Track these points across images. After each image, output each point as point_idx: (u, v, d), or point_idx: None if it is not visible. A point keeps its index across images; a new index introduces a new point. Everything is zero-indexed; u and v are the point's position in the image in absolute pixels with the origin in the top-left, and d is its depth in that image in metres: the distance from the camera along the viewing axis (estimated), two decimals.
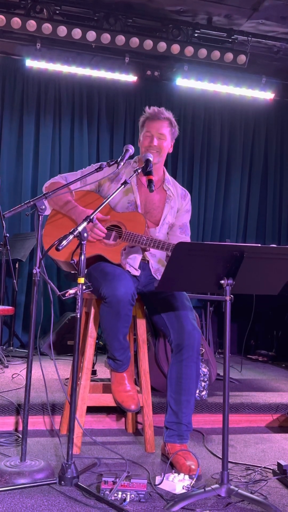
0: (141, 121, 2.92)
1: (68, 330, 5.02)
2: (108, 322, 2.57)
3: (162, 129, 2.83)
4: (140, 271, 2.80)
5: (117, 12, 5.26)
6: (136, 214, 2.77)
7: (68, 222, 2.75)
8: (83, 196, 2.84)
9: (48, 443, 2.81)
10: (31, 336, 2.34)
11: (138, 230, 2.70)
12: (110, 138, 6.18)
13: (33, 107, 5.86)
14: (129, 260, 2.79)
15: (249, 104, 6.46)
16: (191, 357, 2.58)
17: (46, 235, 2.79)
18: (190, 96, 6.26)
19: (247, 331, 4.93)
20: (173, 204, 2.92)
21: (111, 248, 2.72)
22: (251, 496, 2.13)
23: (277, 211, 6.74)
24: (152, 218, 2.88)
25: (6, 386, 3.45)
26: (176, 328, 2.62)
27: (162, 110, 2.87)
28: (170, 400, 2.60)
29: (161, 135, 2.83)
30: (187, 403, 2.58)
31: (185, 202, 2.98)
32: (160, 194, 2.92)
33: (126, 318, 2.57)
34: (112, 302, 2.50)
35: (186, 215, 3.00)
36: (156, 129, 2.83)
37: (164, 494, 2.19)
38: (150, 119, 2.85)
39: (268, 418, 3.47)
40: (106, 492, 2.11)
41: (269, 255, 2.29)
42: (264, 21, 5.24)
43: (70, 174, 2.92)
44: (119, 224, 2.75)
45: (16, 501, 2.04)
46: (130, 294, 2.52)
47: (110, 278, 2.54)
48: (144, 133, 2.86)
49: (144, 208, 2.87)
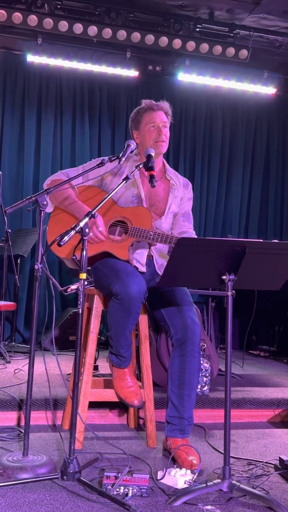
0: (136, 116, 2.87)
1: (70, 325, 5.02)
2: (117, 319, 2.57)
3: (163, 117, 2.83)
4: (146, 267, 2.79)
5: (118, 7, 5.25)
6: (141, 209, 2.75)
7: (70, 218, 2.75)
8: (84, 191, 2.83)
9: (50, 438, 2.82)
10: (33, 331, 2.34)
11: (144, 225, 2.68)
12: (111, 133, 6.17)
13: (34, 102, 5.85)
14: (136, 256, 2.77)
15: (251, 99, 6.45)
16: (191, 352, 2.58)
17: (49, 232, 2.78)
18: (192, 91, 6.25)
19: (248, 326, 4.93)
20: (177, 193, 2.91)
21: (118, 245, 2.70)
22: (253, 491, 2.13)
23: (279, 206, 6.74)
24: (157, 210, 2.86)
25: (8, 382, 3.45)
26: (176, 323, 2.61)
27: (157, 102, 2.85)
28: (171, 394, 2.60)
29: (165, 123, 2.82)
30: (188, 398, 2.58)
31: (187, 191, 2.97)
32: (164, 184, 2.91)
33: (135, 315, 2.57)
34: (124, 299, 2.49)
35: (188, 203, 2.98)
36: (160, 118, 2.81)
37: (166, 489, 2.20)
38: (150, 110, 2.82)
39: (269, 413, 3.47)
40: (108, 487, 2.11)
41: (271, 250, 2.29)
42: (266, 16, 5.22)
43: (71, 170, 2.90)
44: (125, 220, 2.73)
45: (18, 495, 2.04)
46: (142, 292, 2.52)
47: (123, 275, 2.52)
48: (147, 126, 2.81)
49: (149, 200, 2.85)
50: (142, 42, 5.31)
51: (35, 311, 2.35)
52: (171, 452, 2.50)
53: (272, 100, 6.49)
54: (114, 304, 2.56)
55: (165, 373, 3.44)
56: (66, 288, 2.25)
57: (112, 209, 2.77)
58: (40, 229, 2.34)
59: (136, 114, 2.88)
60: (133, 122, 2.90)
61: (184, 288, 2.77)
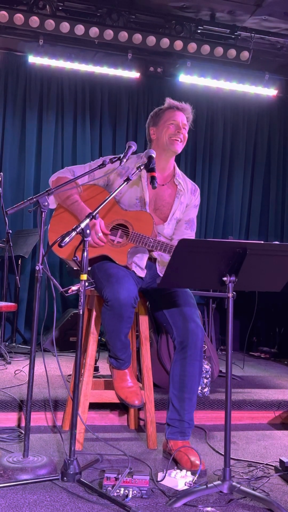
0: (157, 113, 2.86)
1: (71, 326, 5.02)
2: (110, 324, 2.56)
3: (184, 119, 2.82)
4: (146, 271, 2.77)
5: (120, 8, 5.25)
6: (143, 213, 2.72)
7: (71, 218, 2.74)
8: (87, 189, 2.81)
9: (50, 439, 2.82)
10: (33, 332, 2.34)
11: (145, 231, 2.66)
12: (112, 135, 6.17)
13: (35, 103, 5.86)
14: (136, 259, 2.75)
15: (252, 101, 6.45)
16: (194, 355, 2.58)
17: (51, 231, 2.77)
18: (193, 93, 6.24)
19: (249, 328, 4.92)
20: (183, 199, 2.87)
21: (117, 249, 2.69)
22: (253, 493, 2.13)
23: (280, 207, 6.74)
24: (161, 215, 2.83)
25: (8, 382, 3.45)
26: (180, 325, 2.61)
27: (185, 104, 2.85)
28: (172, 397, 2.60)
29: (185, 125, 2.81)
30: (189, 401, 2.58)
31: (194, 197, 2.93)
32: (171, 189, 2.87)
33: (128, 320, 2.56)
34: (114, 306, 2.49)
35: (194, 210, 2.94)
36: (181, 118, 2.80)
37: (166, 491, 2.20)
38: (172, 109, 2.81)
39: (270, 415, 3.47)
40: (108, 488, 2.11)
41: (272, 252, 2.29)
42: (268, 17, 5.23)
43: (77, 167, 2.86)
44: (126, 223, 2.71)
45: (18, 496, 2.04)
46: (132, 297, 2.50)
47: (113, 281, 2.51)
48: (168, 122, 2.78)
49: (154, 204, 2.82)
50: (143, 44, 5.31)
51: (36, 312, 2.35)
52: (172, 454, 2.50)
53: (273, 101, 6.49)
54: (105, 310, 2.56)
55: (165, 374, 3.44)
56: (66, 289, 2.25)
57: (114, 211, 2.76)
58: (41, 230, 2.34)
59: (157, 111, 2.86)
60: (152, 119, 2.87)
61: (187, 290, 2.76)
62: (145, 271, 2.76)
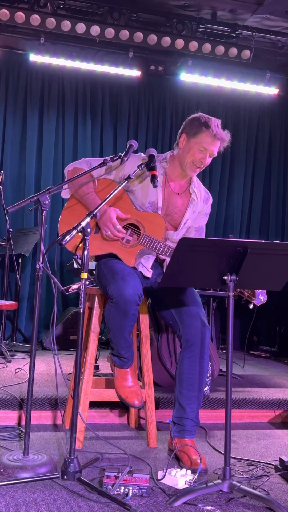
0: (196, 124, 2.70)
1: (71, 325, 5.03)
2: (114, 322, 2.56)
3: (216, 150, 2.72)
4: (152, 271, 2.76)
5: (121, 7, 5.25)
6: (157, 216, 2.71)
7: (84, 210, 2.71)
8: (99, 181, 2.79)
9: (50, 437, 2.82)
10: (34, 330, 2.34)
11: (156, 234, 2.66)
12: (113, 133, 6.17)
13: (36, 101, 5.85)
14: (143, 260, 2.75)
15: (253, 100, 6.44)
16: (201, 354, 2.59)
17: (62, 221, 2.76)
18: (194, 91, 6.24)
19: (249, 327, 4.92)
20: (195, 208, 2.85)
21: (126, 249, 2.68)
22: (253, 492, 2.13)
23: (281, 207, 6.73)
24: (172, 221, 2.82)
25: (9, 381, 3.46)
26: (186, 324, 2.61)
27: (226, 134, 2.73)
28: (178, 395, 2.61)
29: (214, 155, 2.73)
30: (196, 399, 2.59)
31: (206, 206, 2.92)
32: (184, 199, 2.83)
33: (132, 317, 2.56)
34: (119, 303, 2.49)
35: (204, 218, 2.94)
36: (214, 148, 2.69)
37: (166, 489, 2.20)
38: (212, 134, 2.66)
39: (270, 414, 3.47)
40: (108, 486, 2.11)
41: (273, 251, 2.29)
42: (269, 16, 5.22)
43: (94, 160, 2.80)
44: (138, 224, 2.70)
45: (19, 495, 2.05)
46: (137, 295, 2.50)
47: (119, 277, 2.51)
48: (198, 146, 2.67)
49: (166, 210, 2.79)
50: (144, 42, 5.30)
51: (37, 310, 2.35)
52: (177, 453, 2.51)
53: (274, 100, 6.48)
54: (110, 307, 2.56)
55: (165, 373, 3.44)
56: (67, 287, 2.25)
57: (127, 208, 2.73)
58: (41, 228, 2.34)
59: (198, 124, 2.69)
60: (189, 127, 2.72)
61: (193, 289, 2.76)
62: (152, 272, 2.76)
